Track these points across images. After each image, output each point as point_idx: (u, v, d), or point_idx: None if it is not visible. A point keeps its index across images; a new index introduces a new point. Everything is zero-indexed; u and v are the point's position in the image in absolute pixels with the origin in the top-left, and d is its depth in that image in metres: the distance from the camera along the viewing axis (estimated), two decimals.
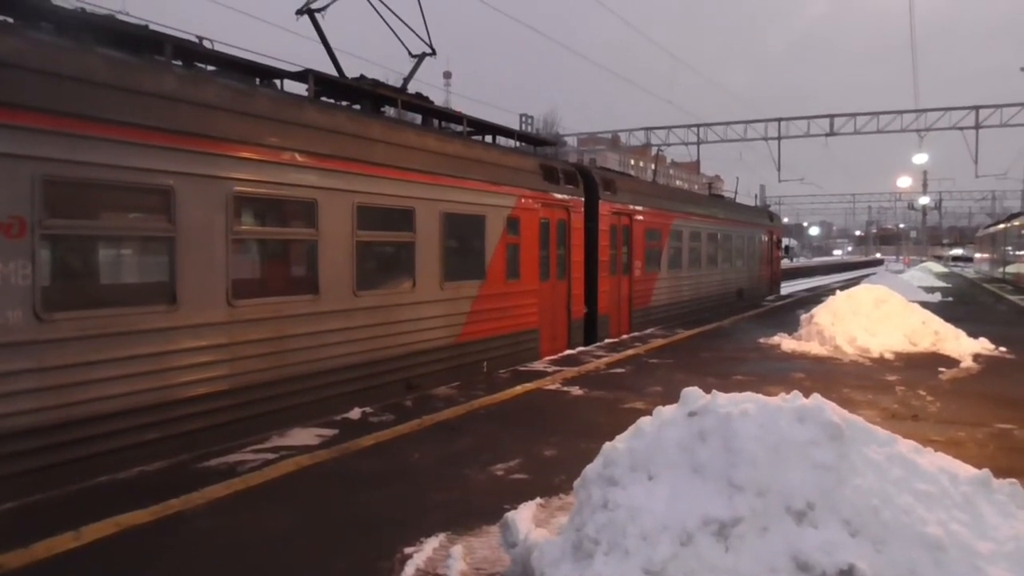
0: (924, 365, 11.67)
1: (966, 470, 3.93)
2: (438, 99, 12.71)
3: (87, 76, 6.16)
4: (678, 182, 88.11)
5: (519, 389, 9.66)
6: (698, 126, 43.62)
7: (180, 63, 7.64)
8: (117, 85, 6.39)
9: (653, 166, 37.94)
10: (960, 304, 24.61)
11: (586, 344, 14.70)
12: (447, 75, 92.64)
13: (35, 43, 5.95)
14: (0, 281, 5.51)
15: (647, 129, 45.26)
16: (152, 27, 7.80)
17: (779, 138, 42.20)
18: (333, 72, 10.44)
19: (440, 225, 10.57)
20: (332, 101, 10.13)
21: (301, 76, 9.32)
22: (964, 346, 13.12)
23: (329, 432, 7.41)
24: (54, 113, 5.87)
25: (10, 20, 6.25)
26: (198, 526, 4.97)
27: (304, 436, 7.23)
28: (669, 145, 45.20)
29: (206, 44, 8.37)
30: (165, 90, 6.81)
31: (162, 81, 6.86)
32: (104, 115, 6.23)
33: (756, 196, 60.56)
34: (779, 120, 42.26)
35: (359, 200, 9.00)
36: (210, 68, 8.27)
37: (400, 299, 9.89)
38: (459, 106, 13.05)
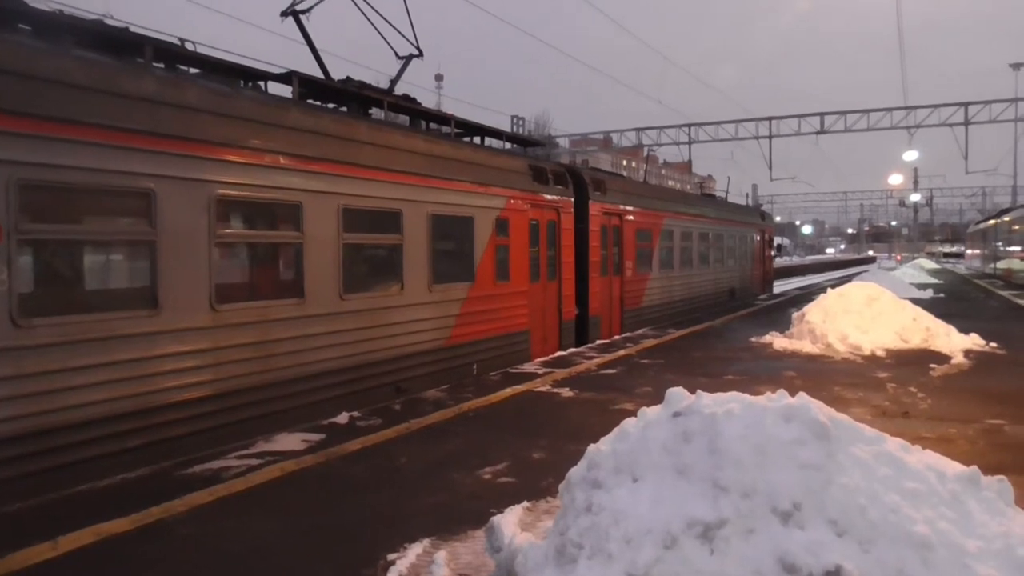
0: (915, 362, 11.65)
1: (954, 467, 3.88)
2: (429, 101, 12.73)
3: (63, 78, 6.08)
4: (670, 182, 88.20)
5: (509, 391, 9.59)
6: (689, 126, 43.67)
7: (161, 65, 7.56)
8: (94, 87, 6.31)
9: (645, 166, 37.94)
10: (951, 300, 24.64)
11: (577, 345, 14.66)
12: (439, 78, 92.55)
13: (8, 45, 5.87)
14: None
15: (638, 130, 45.28)
16: (133, 30, 7.72)
17: (770, 137, 42.27)
18: (318, 74, 10.38)
19: (428, 227, 10.52)
20: (318, 103, 10.07)
21: (285, 78, 9.30)
22: (955, 342, 13.11)
23: (316, 437, 7.33)
24: (29, 116, 5.80)
25: None
26: (180, 534, 4.90)
27: (290, 441, 7.16)
28: (661, 145, 45.25)
29: (188, 46, 8.28)
30: (144, 92, 6.75)
31: (141, 83, 6.79)
32: (81, 118, 6.16)
33: (748, 195, 60.75)
34: (770, 119, 42.35)
35: (345, 202, 8.96)
36: (193, 70, 8.18)
37: (388, 302, 9.83)
38: (451, 108, 13.08)
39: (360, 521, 5.13)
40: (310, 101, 9.85)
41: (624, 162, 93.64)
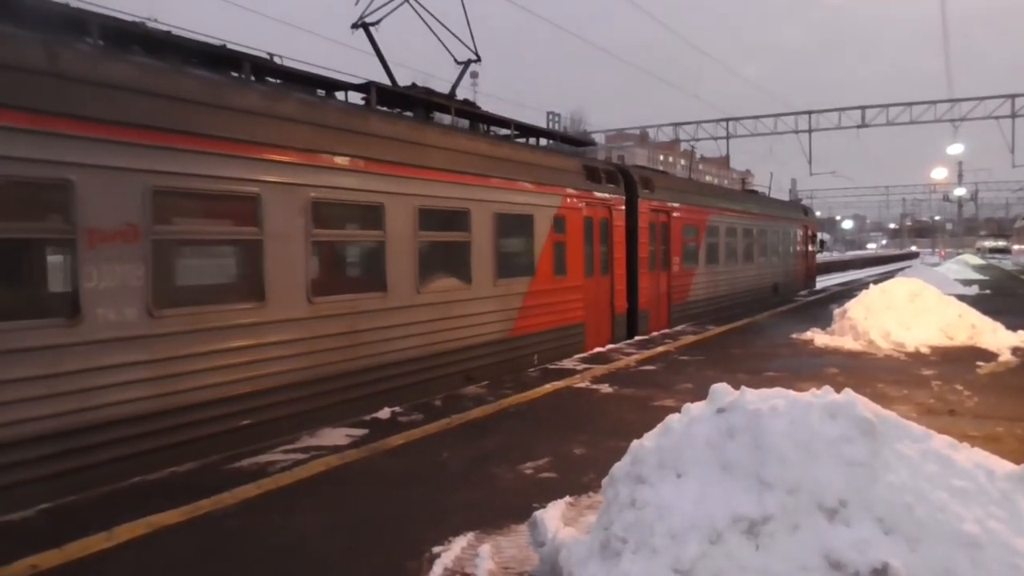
0: (961, 359, 11.45)
1: (1003, 466, 3.82)
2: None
3: (186, 95, 6.84)
4: (708, 177, 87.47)
5: (548, 387, 9.63)
6: (727, 120, 43.35)
7: (253, 78, 8.18)
8: (211, 102, 7.06)
9: (683, 162, 37.77)
10: (998, 297, 24.12)
11: (628, 338, 15.20)
12: (474, 75, 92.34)
13: (143, 67, 6.60)
14: (119, 282, 6.18)
15: (675, 124, 45.06)
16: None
17: (809, 131, 41.82)
18: (381, 81, 10.85)
19: (493, 225, 11.17)
20: (386, 109, 10.61)
21: (364, 88, 9.98)
22: (1002, 339, 12.83)
23: (359, 432, 7.44)
24: (160, 130, 6.52)
25: (101, 44, 6.69)
26: (228, 526, 5.02)
27: (334, 436, 7.27)
28: (698, 140, 44.93)
29: (276, 60, 8.98)
30: (251, 106, 7.52)
31: (247, 97, 7.56)
32: (202, 130, 6.89)
33: (791, 191, 59.93)
34: (809, 113, 41.88)
35: (420, 203, 9.62)
36: (276, 81, 8.78)
37: (458, 295, 10.47)
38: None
39: (404, 515, 5.20)
40: (379, 107, 10.32)
41: (661, 157, 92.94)
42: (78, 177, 5.93)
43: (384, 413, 8.15)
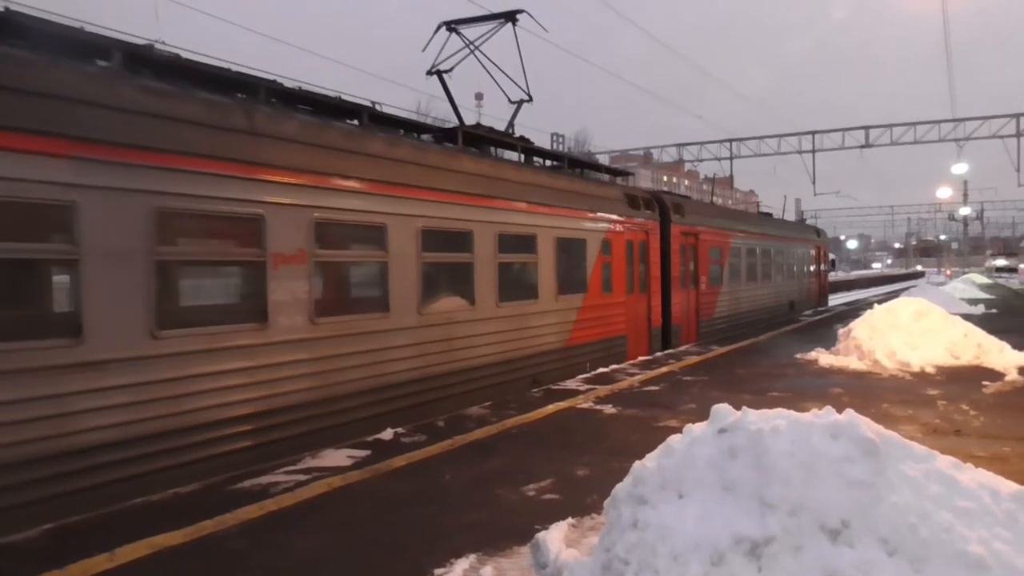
0: (967, 379, 11.39)
1: (1008, 486, 3.81)
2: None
3: (334, 144, 8.37)
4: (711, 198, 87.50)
5: (551, 408, 9.61)
6: (731, 141, 43.39)
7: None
8: (351, 149, 8.62)
9: (687, 183, 38.04)
10: (1005, 315, 24.03)
11: (662, 351, 16.32)
12: (479, 96, 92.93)
13: (305, 123, 8.19)
14: (292, 295, 7.70)
15: (679, 145, 45.15)
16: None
17: (813, 151, 41.85)
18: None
19: (555, 248, 12.76)
20: (450, 144, 11.45)
21: (451, 132, 11.51)
22: (1009, 359, 12.76)
23: (361, 453, 7.41)
24: (318, 173, 8.04)
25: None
26: (230, 547, 5.00)
27: (336, 457, 7.25)
28: (702, 161, 45.06)
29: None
30: (377, 151, 9.05)
31: (375, 144, 9.11)
32: (346, 172, 8.43)
33: (801, 213, 59.95)
34: (813, 133, 41.93)
35: (499, 229, 11.19)
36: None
37: (527, 309, 12.05)
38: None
39: (406, 536, 5.18)
40: (445, 143, 11.36)
41: (665, 178, 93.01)
42: (266, 212, 7.44)
43: (387, 434, 8.12)
